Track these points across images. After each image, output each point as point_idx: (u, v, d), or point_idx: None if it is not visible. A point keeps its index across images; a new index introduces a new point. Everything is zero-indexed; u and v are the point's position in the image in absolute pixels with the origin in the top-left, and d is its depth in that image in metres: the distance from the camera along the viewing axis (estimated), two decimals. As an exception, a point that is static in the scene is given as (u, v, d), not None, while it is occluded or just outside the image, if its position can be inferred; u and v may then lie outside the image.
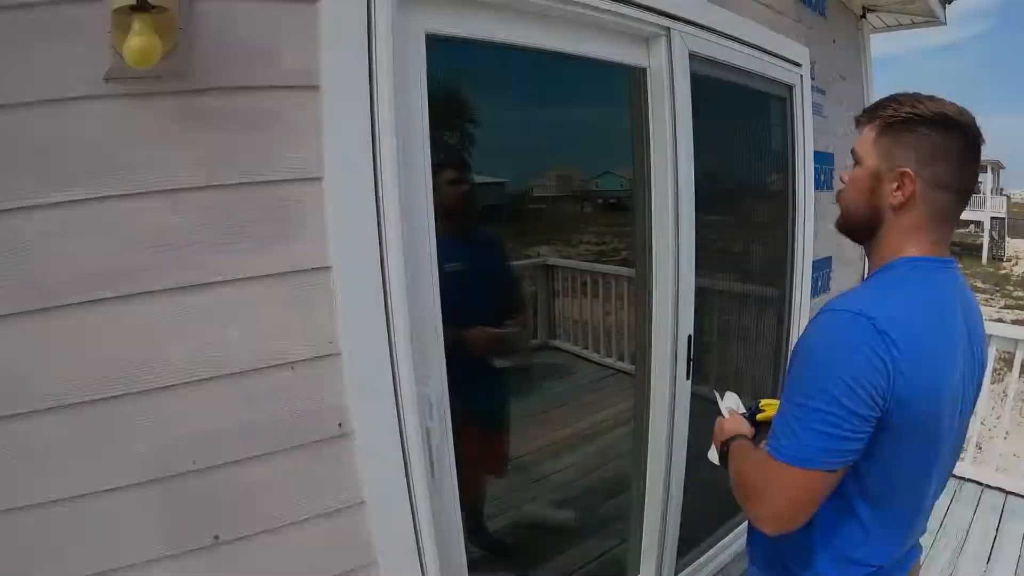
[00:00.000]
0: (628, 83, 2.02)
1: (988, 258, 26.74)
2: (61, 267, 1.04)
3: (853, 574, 1.07)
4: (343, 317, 1.24)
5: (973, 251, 28.60)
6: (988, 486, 3.28)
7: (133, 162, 1.07)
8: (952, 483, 3.34)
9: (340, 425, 1.27)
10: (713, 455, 1.25)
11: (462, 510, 1.56)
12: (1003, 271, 23.33)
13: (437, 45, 1.41)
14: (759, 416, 1.41)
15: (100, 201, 1.05)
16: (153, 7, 0.95)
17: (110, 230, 1.07)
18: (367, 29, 1.21)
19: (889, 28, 4.01)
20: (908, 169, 0.99)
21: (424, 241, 1.39)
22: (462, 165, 2.06)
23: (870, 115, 1.06)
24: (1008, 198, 33.51)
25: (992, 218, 27.99)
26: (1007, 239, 29.15)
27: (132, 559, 1.14)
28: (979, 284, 19.88)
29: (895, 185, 1.00)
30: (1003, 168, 32.11)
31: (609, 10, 1.71)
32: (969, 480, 3.35)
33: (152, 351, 1.11)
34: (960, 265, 1.10)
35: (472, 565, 1.61)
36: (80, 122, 1.04)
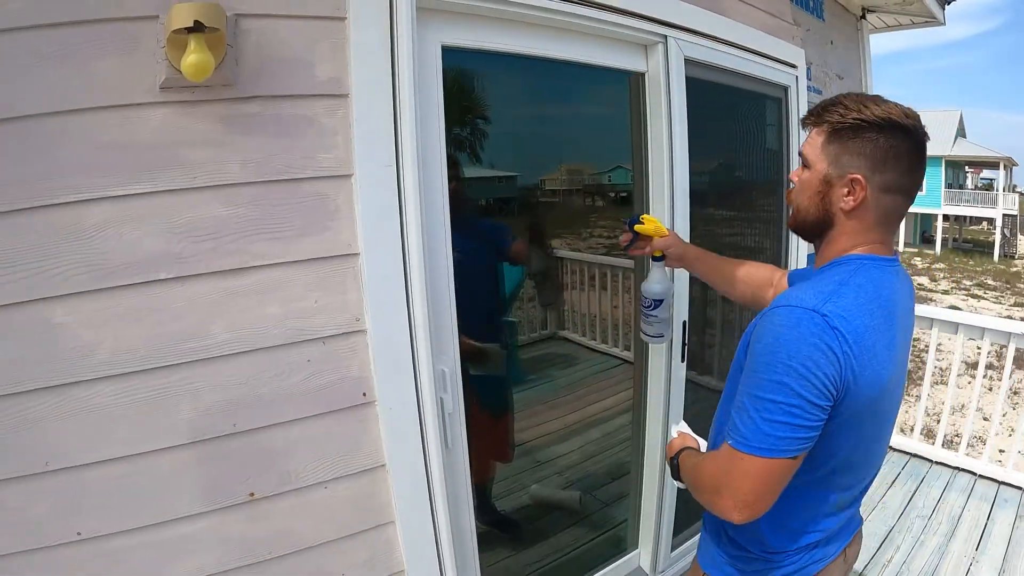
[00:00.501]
0: (628, 87, 2.16)
1: (999, 255, 26.63)
2: (122, 252, 1.20)
3: (796, 542, 1.15)
4: (369, 298, 1.40)
5: (985, 248, 28.49)
6: (981, 476, 3.38)
7: (186, 160, 1.22)
8: (947, 472, 3.44)
9: (364, 394, 1.43)
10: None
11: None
12: (1014, 269, 23.20)
13: (453, 54, 1.57)
14: (637, 227, 1.53)
15: (157, 195, 1.21)
16: (206, 28, 1.11)
17: (165, 220, 1.22)
18: (390, 43, 1.36)
19: (889, 28, 4.13)
20: (859, 175, 1.03)
21: (440, 231, 1.55)
22: (452, 163, 2.18)
23: (816, 118, 1.08)
24: (1021, 195, 33.25)
25: (1004, 215, 27.86)
26: (1019, 236, 28.99)
27: (177, 513, 1.30)
28: (989, 281, 19.77)
29: (846, 191, 1.04)
30: (1015, 165, 31.88)
31: (609, 21, 1.84)
32: (964, 470, 3.45)
33: (200, 326, 1.27)
34: (972, 262, 1.20)
35: (479, 539, 1.75)
36: (139, 125, 1.19)
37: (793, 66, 2.82)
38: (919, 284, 19.01)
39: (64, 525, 1.22)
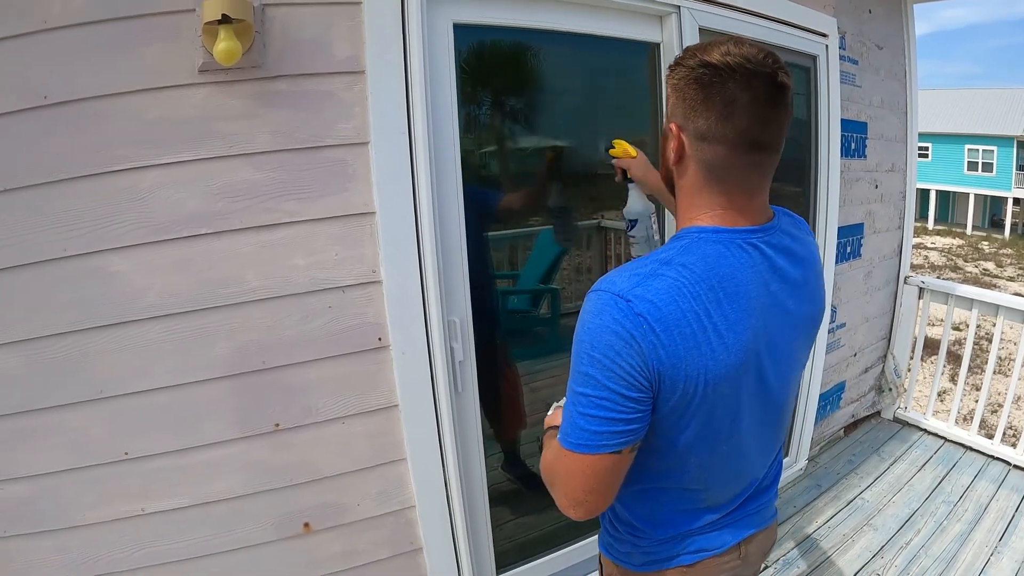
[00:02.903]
0: (648, 57, 2.33)
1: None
2: (169, 211, 1.48)
3: (661, 530, 1.14)
4: (384, 252, 1.65)
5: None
6: (1016, 466, 3.42)
7: (222, 132, 1.49)
8: (980, 460, 3.50)
9: (380, 339, 1.68)
10: None
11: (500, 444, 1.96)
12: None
13: (473, 30, 1.78)
14: (610, 151, 1.66)
15: (198, 162, 1.48)
16: (234, 20, 1.36)
17: (206, 183, 1.49)
18: (401, 23, 1.60)
19: (935, -2, 4.14)
20: (673, 123, 0.99)
21: (452, 193, 1.77)
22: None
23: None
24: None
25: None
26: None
27: (211, 439, 1.59)
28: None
29: (672, 143, 1.00)
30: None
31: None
32: (998, 459, 3.50)
33: (235, 274, 1.54)
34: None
35: (505, 496, 2.00)
36: (182, 103, 1.46)
37: (823, 35, 2.92)
38: (984, 269, 18.49)
39: (114, 445, 1.53)
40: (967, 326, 3.66)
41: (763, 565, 1.43)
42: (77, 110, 1.40)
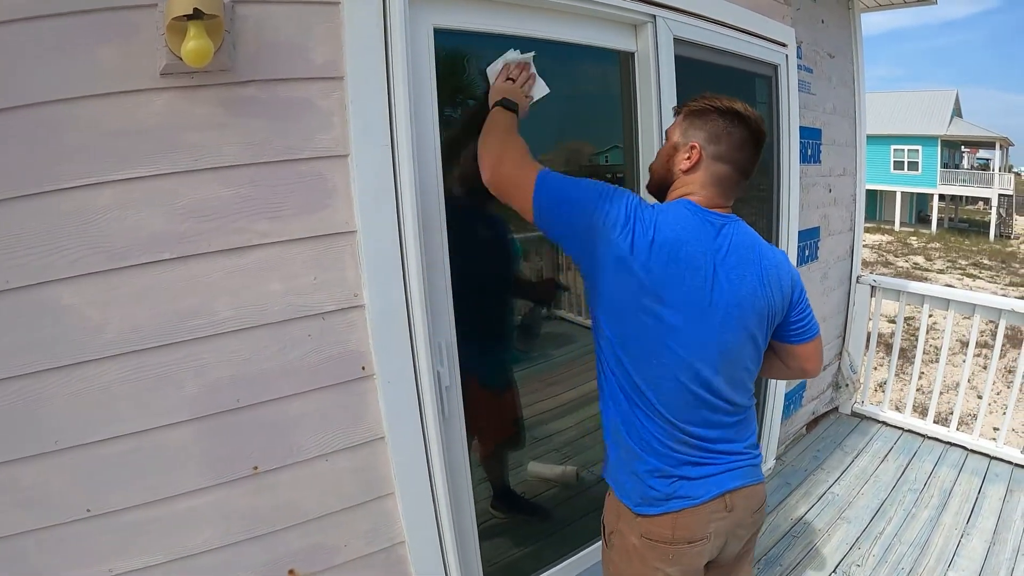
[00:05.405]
0: (619, 66, 2.20)
1: (995, 235, 26.79)
2: (127, 234, 1.24)
3: (655, 464, 1.31)
4: (367, 273, 1.45)
5: (981, 228, 28.62)
6: (973, 451, 3.44)
7: (187, 144, 1.27)
8: (939, 447, 3.51)
9: (363, 368, 1.48)
10: None
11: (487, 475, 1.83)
12: (1010, 248, 23.33)
13: (447, 35, 1.61)
14: None
15: (160, 177, 1.26)
16: (205, 15, 1.14)
17: (168, 202, 1.27)
18: (383, 26, 1.41)
19: (881, 7, 4.14)
20: (697, 143, 1.33)
21: (435, 209, 1.59)
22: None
23: (681, 106, 1.42)
24: (1017, 175, 33.27)
25: (1000, 195, 27.96)
26: (1015, 216, 29.11)
27: (184, 488, 1.35)
28: (985, 261, 19.94)
29: (686, 155, 1.35)
30: (1012, 145, 31.87)
31: (599, 1, 1.89)
32: (956, 445, 3.52)
33: (204, 304, 1.32)
34: (968, 242, 1.12)
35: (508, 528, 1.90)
36: (142, 111, 1.23)
37: (783, 44, 2.87)
38: (915, 263, 19.17)
39: (76, 502, 1.27)
40: (905, 318, 3.67)
41: (756, 529, 1.47)
42: (17, 119, 1.15)
